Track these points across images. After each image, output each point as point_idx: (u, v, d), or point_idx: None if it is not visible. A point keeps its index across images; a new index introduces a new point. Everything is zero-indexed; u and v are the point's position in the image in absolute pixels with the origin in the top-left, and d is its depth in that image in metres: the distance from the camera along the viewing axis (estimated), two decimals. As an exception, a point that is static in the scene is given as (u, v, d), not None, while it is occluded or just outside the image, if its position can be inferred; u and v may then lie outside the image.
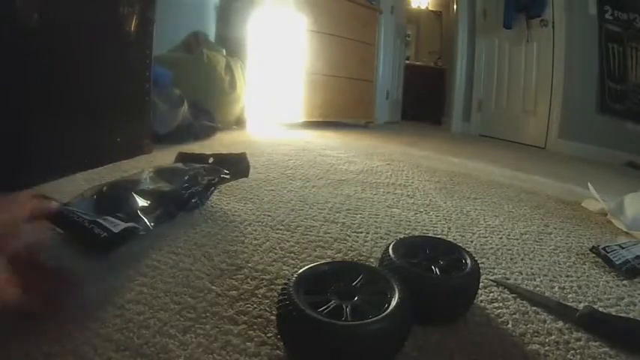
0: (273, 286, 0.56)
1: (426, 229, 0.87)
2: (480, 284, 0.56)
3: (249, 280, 0.58)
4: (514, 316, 0.53)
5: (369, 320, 0.39)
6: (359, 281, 0.46)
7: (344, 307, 0.41)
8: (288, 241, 0.73)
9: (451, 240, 0.73)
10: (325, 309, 0.41)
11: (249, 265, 0.63)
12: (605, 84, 2.76)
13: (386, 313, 0.40)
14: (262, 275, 0.60)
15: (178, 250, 0.66)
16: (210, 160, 0.95)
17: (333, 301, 0.42)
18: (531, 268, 0.70)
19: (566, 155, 2.77)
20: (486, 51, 3.64)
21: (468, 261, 0.54)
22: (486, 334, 0.49)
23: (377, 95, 3.54)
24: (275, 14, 2.44)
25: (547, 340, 0.49)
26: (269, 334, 0.46)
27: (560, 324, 0.52)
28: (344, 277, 0.47)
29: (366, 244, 0.75)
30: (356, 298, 0.43)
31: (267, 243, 0.71)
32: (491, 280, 0.63)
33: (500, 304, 0.56)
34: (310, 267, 0.47)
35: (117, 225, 0.59)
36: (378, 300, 0.43)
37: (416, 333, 0.42)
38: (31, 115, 0.96)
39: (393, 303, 0.41)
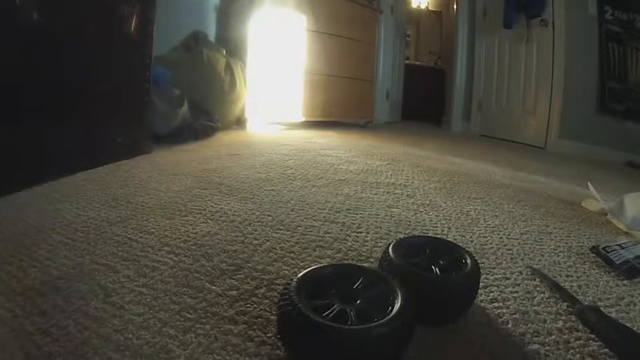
0: (273, 286, 0.56)
1: (426, 229, 0.87)
2: (480, 284, 0.56)
3: (249, 280, 0.58)
4: (514, 316, 0.53)
5: (376, 324, 0.38)
6: (359, 284, 0.46)
7: (348, 311, 0.41)
8: (288, 241, 0.73)
9: (451, 240, 0.73)
10: (330, 313, 0.40)
11: (249, 265, 0.63)
12: (605, 84, 2.75)
13: (391, 316, 0.40)
14: (262, 275, 0.59)
15: (178, 250, 0.66)
16: None
17: (336, 305, 0.42)
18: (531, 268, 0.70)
19: (566, 155, 2.77)
20: (486, 51, 3.64)
21: (468, 261, 0.54)
22: (486, 334, 0.49)
23: (377, 95, 3.54)
24: (275, 14, 2.44)
25: (547, 340, 0.48)
26: (269, 334, 0.46)
27: (560, 324, 0.52)
28: (344, 280, 0.46)
29: (366, 244, 0.75)
30: (359, 302, 0.43)
31: (267, 243, 0.71)
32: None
33: (500, 304, 0.56)
34: (310, 270, 0.47)
35: None
36: (380, 303, 0.43)
37: (416, 333, 0.42)
38: (30, 115, 0.96)
39: (397, 305, 0.41)
